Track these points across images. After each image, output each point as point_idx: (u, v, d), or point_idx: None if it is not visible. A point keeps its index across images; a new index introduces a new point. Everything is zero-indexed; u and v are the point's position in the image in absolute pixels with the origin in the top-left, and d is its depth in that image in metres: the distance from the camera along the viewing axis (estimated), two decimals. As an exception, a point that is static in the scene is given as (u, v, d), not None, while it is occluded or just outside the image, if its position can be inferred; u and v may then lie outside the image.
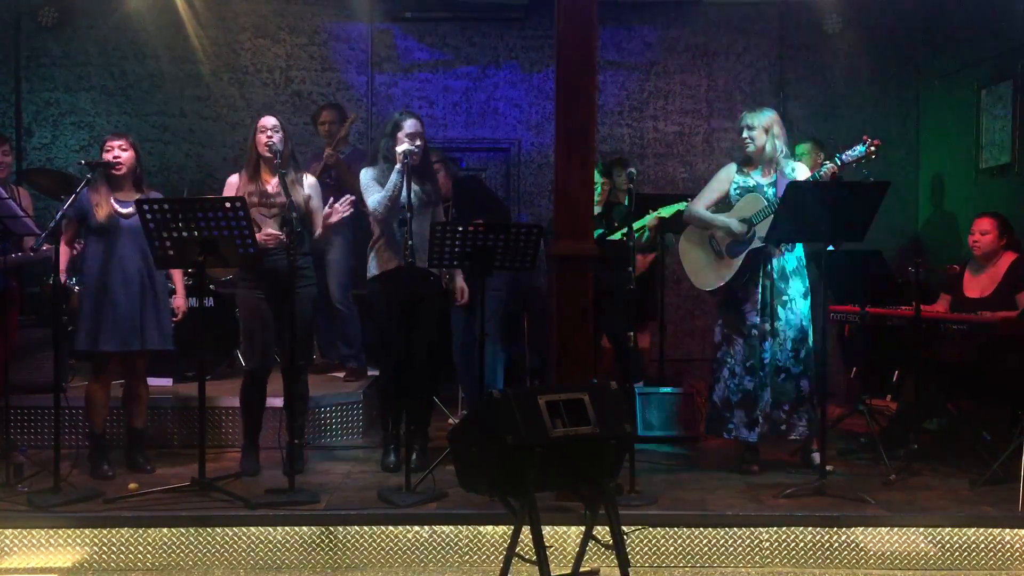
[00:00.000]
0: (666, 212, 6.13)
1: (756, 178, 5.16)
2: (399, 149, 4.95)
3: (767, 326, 5.09)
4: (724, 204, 5.26)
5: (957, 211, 7.46)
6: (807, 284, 5.17)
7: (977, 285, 5.62)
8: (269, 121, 5.04)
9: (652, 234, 6.30)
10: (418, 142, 5.06)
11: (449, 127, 8.06)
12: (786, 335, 5.09)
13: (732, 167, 5.27)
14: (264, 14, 7.95)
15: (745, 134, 5.15)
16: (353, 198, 5.04)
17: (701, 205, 5.27)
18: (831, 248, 5.21)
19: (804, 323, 5.12)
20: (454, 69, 8.07)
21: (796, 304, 5.10)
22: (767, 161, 5.14)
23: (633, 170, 5.45)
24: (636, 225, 6.07)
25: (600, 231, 6.13)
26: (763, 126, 5.11)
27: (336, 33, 8.02)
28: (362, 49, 8.04)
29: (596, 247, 4.73)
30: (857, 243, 4.93)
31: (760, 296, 5.10)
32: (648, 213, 6.15)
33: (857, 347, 6.65)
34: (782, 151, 5.14)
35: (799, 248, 5.17)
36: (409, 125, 5.11)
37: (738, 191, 5.18)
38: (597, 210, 6.22)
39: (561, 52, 4.69)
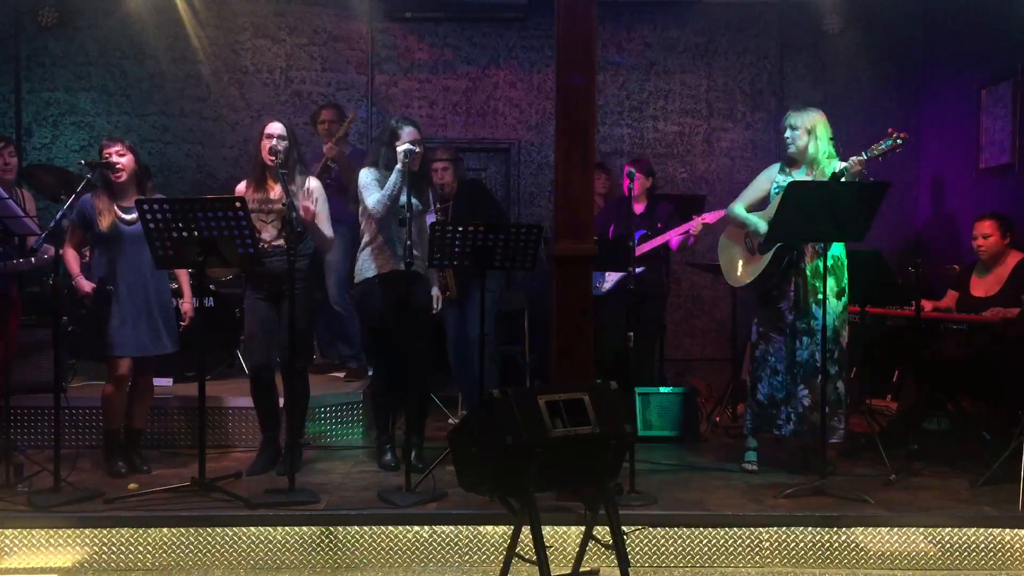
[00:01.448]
0: (711, 217, 6.09)
1: (798, 178, 5.11)
2: (400, 148, 4.94)
3: (803, 324, 5.06)
4: (766, 203, 5.23)
5: (957, 211, 7.46)
6: (842, 283, 5.09)
7: (983, 285, 5.63)
8: (276, 128, 5.01)
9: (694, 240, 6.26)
10: (417, 148, 5.05)
11: (449, 127, 8.06)
12: (821, 335, 5.04)
13: (775, 167, 5.25)
14: (264, 14, 7.96)
15: (787, 134, 5.12)
16: (314, 204, 4.96)
17: (740, 204, 5.26)
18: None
19: (837, 323, 5.04)
20: (454, 69, 8.08)
21: (829, 303, 4.99)
22: (809, 161, 5.11)
23: (632, 170, 5.44)
24: (682, 229, 6.09)
25: (643, 231, 6.13)
26: (805, 127, 5.07)
27: (336, 33, 8.02)
28: (362, 49, 8.05)
29: (596, 247, 4.73)
30: (857, 243, 4.92)
31: (795, 294, 5.08)
32: (689, 218, 6.12)
33: (857, 347, 6.64)
34: (825, 152, 5.10)
35: (836, 247, 5.07)
36: (407, 133, 5.10)
37: (778, 191, 5.14)
38: (640, 208, 6.24)
39: (561, 52, 4.69)
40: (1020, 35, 6.61)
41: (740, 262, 5.31)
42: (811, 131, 5.07)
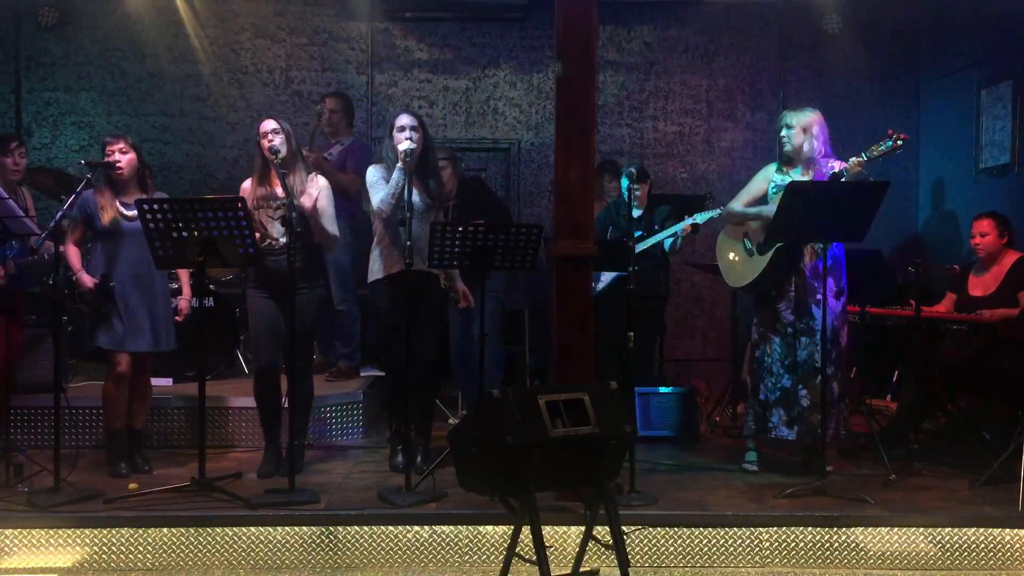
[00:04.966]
0: (700, 219, 6.08)
1: (795, 177, 5.10)
2: (400, 148, 4.92)
3: (802, 324, 5.05)
4: (763, 203, 5.21)
5: (957, 211, 7.46)
6: (840, 284, 5.08)
7: (980, 284, 5.62)
8: (268, 125, 5.03)
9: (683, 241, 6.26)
10: (413, 135, 4.99)
11: (449, 127, 8.06)
12: (819, 335, 5.03)
13: (772, 167, 5.24)
14: (264, 14, 7.96)
15: (783, 133, 5.11)
16: (314, 200, 4.95)
17: (739, 204, 5.26)
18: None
19: (836, 323, 5.02)
20: (454, 69, 8.07)
21: (828, 303, 5.00)
22: (805, 160, 5.10)
23: (633, 170, 5.42)
24: (670, 231, 6.09)
25: (639, 232, 6.10)
26: (801, 126, 5.06)
27: (336, 33, 8.02)
28: (362, 49, 8.05)
29: (595, 248, 4.73)
30: (857, 243, 4.91)
31: (794, 294, 5.08)
32: (683, 219, 6.11)
33: (857, 347, 6.65)
34: (821, 151, 5.09)
35: (836, 246, 5.07)
36: (401, 119, 5.08)
37: (776, 190, 5.13)
38: (637, 213, 6.23)
39: (561, 52, 4.69)
40: (1020, 35, 6.61)
41: (739, 262, 5.30)
42: (807, 130, 5.07)
